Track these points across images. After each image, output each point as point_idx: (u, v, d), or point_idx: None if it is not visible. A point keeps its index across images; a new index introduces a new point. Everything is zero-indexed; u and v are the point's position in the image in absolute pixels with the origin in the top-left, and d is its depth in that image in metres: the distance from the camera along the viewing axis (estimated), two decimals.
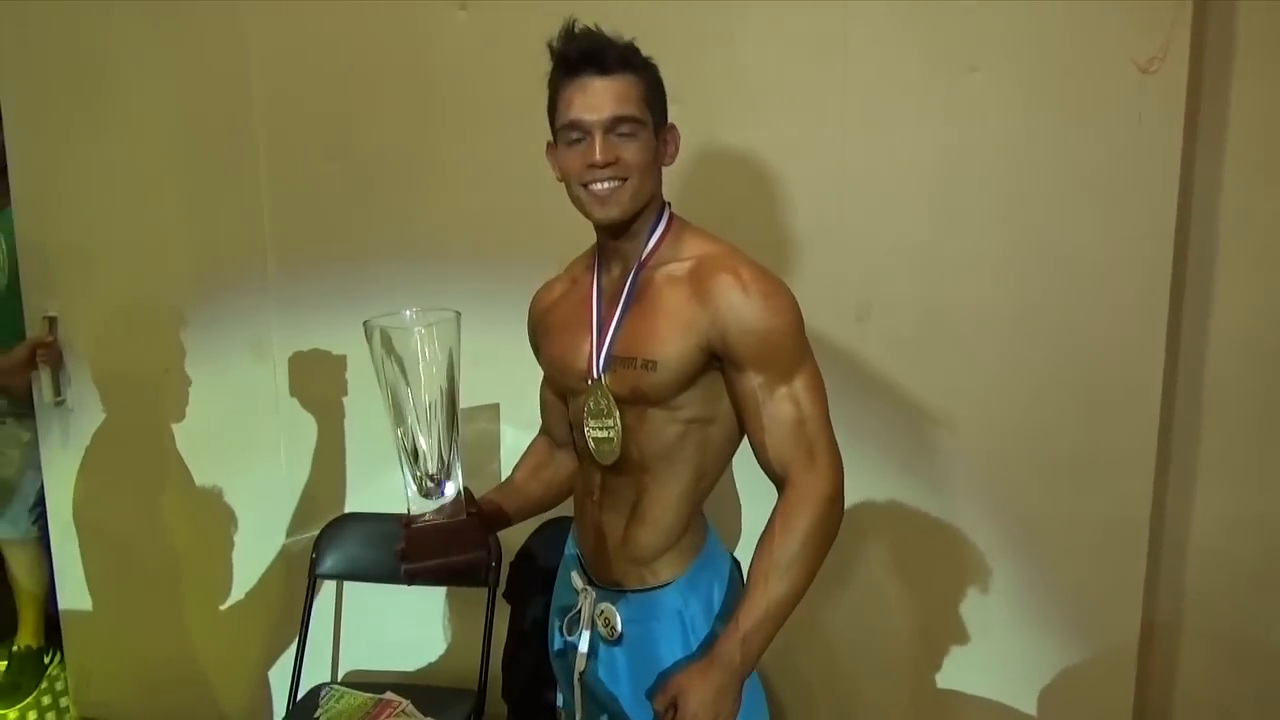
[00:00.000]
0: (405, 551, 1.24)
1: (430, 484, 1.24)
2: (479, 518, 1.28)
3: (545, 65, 1.24)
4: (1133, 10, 1.68)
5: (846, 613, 2.01)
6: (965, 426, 1.89)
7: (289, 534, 2.30)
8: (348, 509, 2.23)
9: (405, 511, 1.26)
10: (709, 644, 1.27)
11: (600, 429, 1.27)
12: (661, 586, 1.31)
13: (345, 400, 2.21)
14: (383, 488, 2.17)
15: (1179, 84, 1.69)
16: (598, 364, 1.28)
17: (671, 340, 1.22)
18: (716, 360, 1.24)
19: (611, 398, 1.25)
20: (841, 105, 1.84)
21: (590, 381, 1.28)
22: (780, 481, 1.24)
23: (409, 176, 2.09)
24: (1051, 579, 1.89)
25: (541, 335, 1.41)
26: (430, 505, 1.26)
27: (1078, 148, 1.75)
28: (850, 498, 1.30)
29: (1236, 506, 1.86)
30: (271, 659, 2.37)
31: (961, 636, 1.97)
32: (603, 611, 1.33)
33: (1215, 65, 1.74)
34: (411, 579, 1.24)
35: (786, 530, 1.20)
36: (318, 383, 2.21)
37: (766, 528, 1.22)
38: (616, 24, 1.24)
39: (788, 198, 1.89)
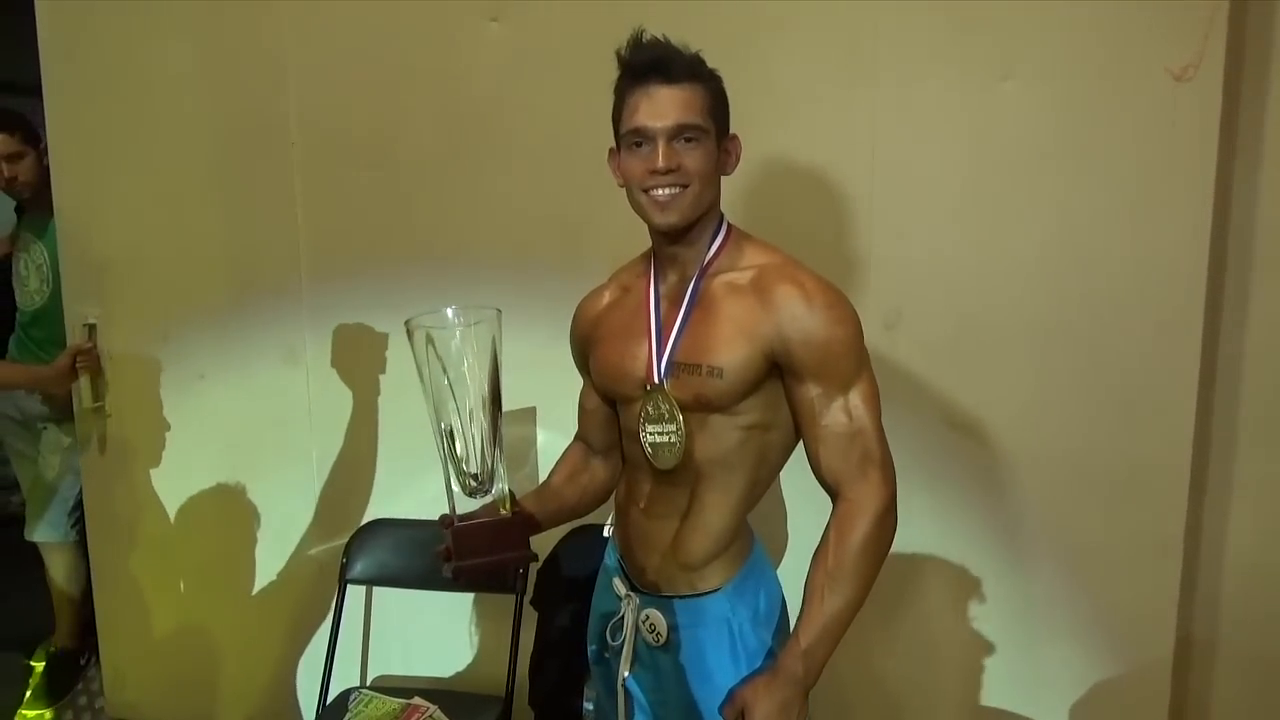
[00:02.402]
0: (452, 550, 1.25)
1: (474, 483, 1.25)
2: (523, 516, 1.30)
3: (576, 74, 1.28)
4: (1166, 15, 1.68)
5: (873, 625, 2.00)
6: (994, 437, 1.88)
7: (319, 538, 2.32)
8: (378, 514, 2.24)
9: (448, 511, 1.27)
10: (768, 657, 1.30)
11: (661, 434, 1.29)
12: (709, 593, 1.33)
13: (377, 406, 2.23)
14: (414, 493, 2.20)
15: (1214, 91, 1.68)
16: (659, 369, 1.29)
17: (736, 347, 1.24)
18: (777, 368, 1.26)
19: (674, 403, 1.27)
20: (870, 113, 1.84)
21: (650, 387, 1.30)
22: (834, 493, 1.26)
23: (442, 184, 2.11)
24: (1083, 594, 1.88)
25: (592, 344, 1.42)
26: (474, 504, 1.26)
27: (1111, 157, 1.75)
28: None
29: (1274, 520, 1.83)
30: (301, 663, 2.39)
31: (990, 651, 1.96)
32: (648, 617, 1.35)
33: (1252, 72, 1.73)
34: (458, 578, 1.25)
35: (841, 543, 1.22)
36: (350, 388, 2.24)
37: (821, 541, 1.25)
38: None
39: (815, 204, 1.89)
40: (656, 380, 1.29)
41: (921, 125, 1.83)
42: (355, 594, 2.23)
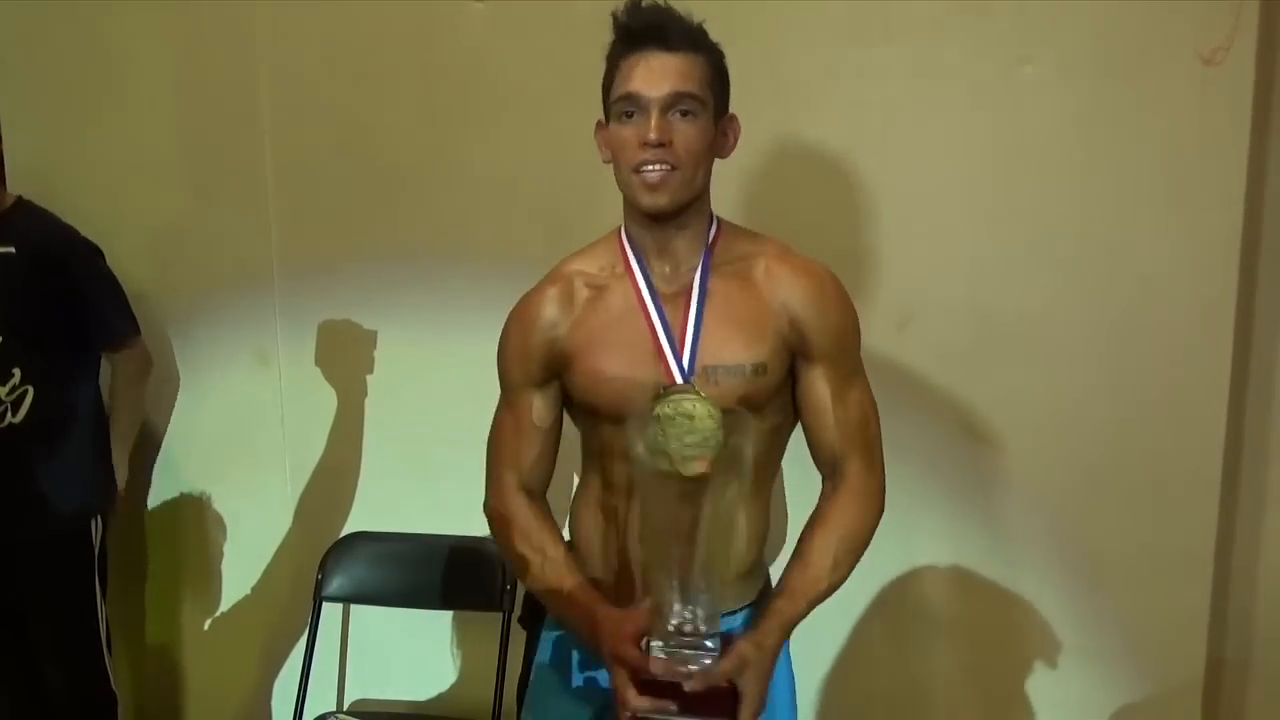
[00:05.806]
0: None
1: (687, 639, 1.17)
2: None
3: (567, 56, 1.26)
4: None
5: (881, 646, 1.99)
6: (1013, 444, 1.87)
7: (292, 554, 2.31)
8: (357, 527, 2.23)
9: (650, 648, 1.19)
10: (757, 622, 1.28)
11: (691, 435, 1.20)
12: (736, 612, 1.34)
13: (358, 410, 2.22)
14: (396, 505, 2.19)
15: (1246, 76, 1.67)
16: (682, 371, 1.25)
17: (766, 341, 1.26)
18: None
19: (709, 404, 1.21)
20: (882, 99, 1.83)
21: (665, 391, 1.23)
22: (834, 471, 1.30)
23: (422, 175, 2.09)
24: (1107, 610, 1.87)
25: (568, 356, 1.31)
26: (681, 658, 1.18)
27: (1136, 145, 1.74)
28: (890, 519, 1.33)
29: None
30: (274, 687, 2.37)
31: (1007, 674, 1.95)
32: None
33: None
34: None
35: (859, 525, 1.28)
36: (326, 391, 2.22)
37: (817, 516, 1.29)
38: None
39: (820, 194, 1.89)
40: (683, 382, 1.24)
41: (936, 111, 1.82)
42: (332, 612, 2.22)
